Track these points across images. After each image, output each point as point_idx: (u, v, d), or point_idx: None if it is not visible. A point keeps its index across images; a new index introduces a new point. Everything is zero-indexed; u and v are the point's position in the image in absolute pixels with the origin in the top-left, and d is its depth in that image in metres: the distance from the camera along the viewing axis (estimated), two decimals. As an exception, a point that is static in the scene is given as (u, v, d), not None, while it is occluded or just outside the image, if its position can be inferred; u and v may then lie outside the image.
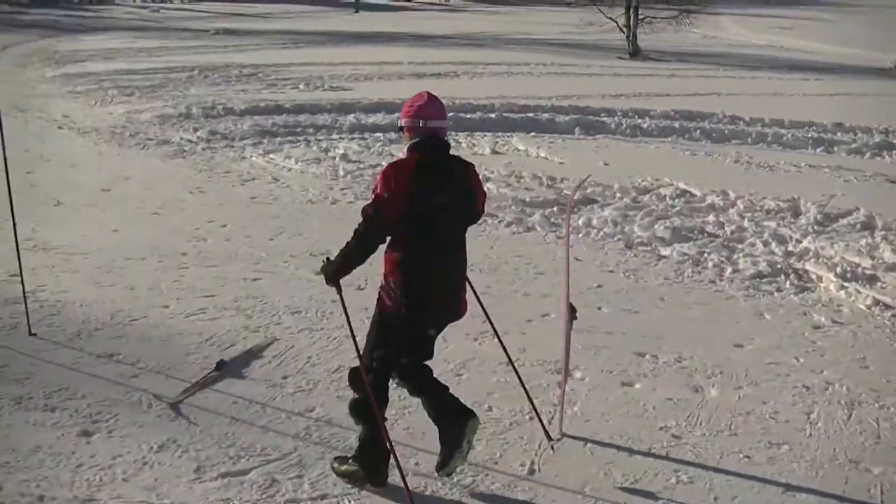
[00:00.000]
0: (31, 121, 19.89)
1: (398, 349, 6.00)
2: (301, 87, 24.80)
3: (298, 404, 7.18)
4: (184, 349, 8.15)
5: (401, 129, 6.05)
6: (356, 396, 6.08)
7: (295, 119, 19.47)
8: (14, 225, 8.86)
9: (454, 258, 6.08)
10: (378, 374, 6.02)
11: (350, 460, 6.17)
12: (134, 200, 13.23)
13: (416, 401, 6.35)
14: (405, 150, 5.98)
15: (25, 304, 8.54)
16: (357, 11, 65.32)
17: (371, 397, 5.88)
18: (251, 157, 16.29)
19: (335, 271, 6.02)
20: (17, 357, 7.86)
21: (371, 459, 6.07)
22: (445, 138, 6.00)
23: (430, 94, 6.01)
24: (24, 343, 8.17)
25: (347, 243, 5.93)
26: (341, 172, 14.89)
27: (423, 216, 5.76)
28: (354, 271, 6.07)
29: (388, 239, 5.90)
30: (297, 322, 8.79)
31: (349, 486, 6.04)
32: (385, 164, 14.11)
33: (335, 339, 8.38)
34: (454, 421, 5.88)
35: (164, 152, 16.69)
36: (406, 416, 6.96)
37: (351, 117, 19.64)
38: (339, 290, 6.07)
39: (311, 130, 18.42)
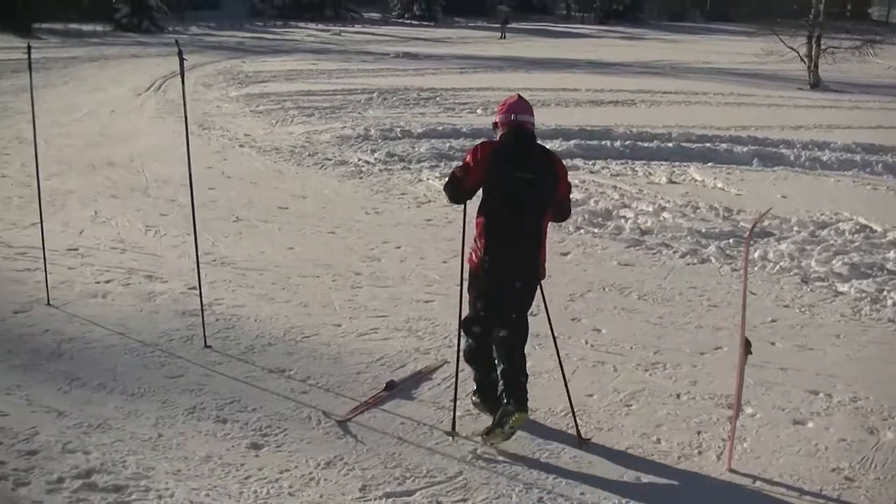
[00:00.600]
0: (213, 139, 20.43)
1: (485, 300, 7.07)
2: (478, 111, 24.90)
3: (466, 428, 7.15)
4: (354, 368, 8.22)
5: (495, 125, 7.14)
6: (469, 343, 7.23)
7: (471, 143, 19.40)
8: (196, 239, 9.08)
9: (530, 228, 7.03)
10: (484, 321, 7.09)
11: (474, 395, 7.44)
12: (310, 219, 13.44)
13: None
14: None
15: (202, 317, 8.75)
16: (503, 37, 65.09)
17: (476, 345, 7.18)
18: (427, 179, 16.39)
19: None
20: (192, 368, 8.04)
21: (486, 397, 7.23)
22: (532, 130, 7.02)
23: (520, 96, 7.18)
24: (199, 355, 8.35)
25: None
26: (516, 197, 14.85)
27: (501, 187, 6.81)
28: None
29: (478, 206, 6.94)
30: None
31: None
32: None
33: (504, 364, 8.33)
34: (514, 403, 6.64)
35: (341, 172, 16.94)
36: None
37: (527, 143, 19.54)
38: None
39: (486, 155, 18.44)
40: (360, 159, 18.04)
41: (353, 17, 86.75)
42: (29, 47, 10.78)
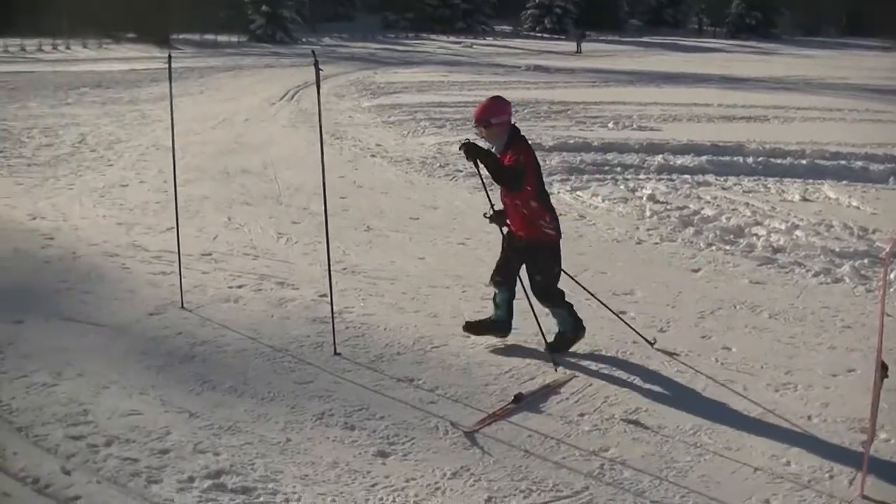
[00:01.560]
0: (345, 149, 20.65)
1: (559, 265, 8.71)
2: (610, 125, 24.75)
3: (593, 443, 7.05)
4: (482, 379, 8.17)
5: (487, 125, 8.44)
6: (557, 293, 8.75)
7: (603, 157, 19.41)
8: (328, 247, 9.15)
9: None
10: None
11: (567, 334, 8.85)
12: (441, 230, 13.46)
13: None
14: (496, 141, 8.54)
15: (333, 325, 8.78)
16: (578, 52, 64.28)
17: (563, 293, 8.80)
18: (558, 192, 16.29)
19: (477, 154, 8.20)
20: (322, 374, 8.09)
21: (575, 324, 8.80)
22: None
23: (500, 97, 8.67)
24: (328, 361, 8.40)
25: (501, 167, 8.33)
26: (648, 213, 14.70)
27: (540, 174, 8.66)
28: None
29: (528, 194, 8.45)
30: (597, 360, 8.68)
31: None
32: (690, 206, 13.88)
33: (634, 380, 8.22)
34: (579, 328, 8.86)
35: (472, 184, 16.93)
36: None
37: (659, 158, 19.35)
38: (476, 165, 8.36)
39: (618, 169, 18.32)
40: (491, 171, 17.98)
41: (485, 30, 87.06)
42: (169, 57, 11.00)
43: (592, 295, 9.39)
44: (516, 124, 8.69)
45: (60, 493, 6.02)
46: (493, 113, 8.42)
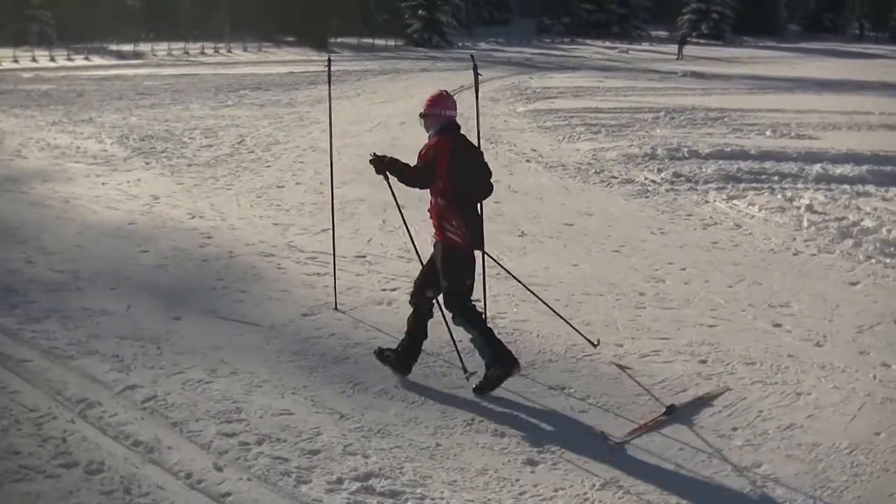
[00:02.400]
0: (500, 153, 20.63)
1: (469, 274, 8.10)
2: (767, 133, 24.24)
3: (745, 458, 6.89)
4: (634, 389, 8.06)
5: (422, 114, 8.16)
6: (464, 313, 7.97)
7: (760, 165, 18.99)
8: (483, 252, 9.13)
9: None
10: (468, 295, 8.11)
11: (490, 369, 7.83)
12: (595, 236, 13.36)
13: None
14: (428, 130, 8.13)
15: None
16: (680, 58, 62.45)
17: (474, 309, 8.10)
18: (714, 201, 16.03)
19: (385, 167, 8.32)
20: (471, 381, 8.04)
21: (494, 351, 7.83)
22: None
23: (447, 92, 8.30)
24: (480, 367, 8.34)
25: (403, 170, 8.17)
26: (805, 223, 14.33)
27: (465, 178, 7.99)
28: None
29: (438, 189, 7.99)
30: (751, 373, 8.48)
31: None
32: (850, 216, 13.53)
33: (789, 394, 8.01)
34: (506, 364, 7.78)
35: (627, 191, 16.79)
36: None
37: (818, 167, 18.85)
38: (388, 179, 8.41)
39: (775, 178, 17.90)
40: (646, 178, 17.85)
41: (640, 35, 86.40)
42: (329, 60, 11.12)
43: (539, 299, 9.10)
44: (457, 122, 8.18)
45: (212, 489, 6.13)
46: (429, 104, 8.11)
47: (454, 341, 8.20)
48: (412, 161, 8.15)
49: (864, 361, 8.86)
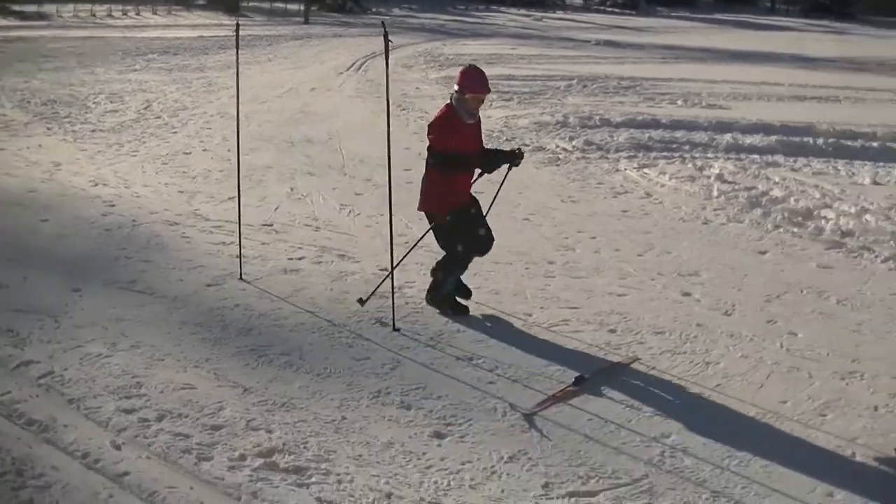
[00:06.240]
0: (412, 120, 20.50)
1: None
2: (679, 102, 24.37)
3: (655, 429, 6.88)
4: (543, 360, 8.01)
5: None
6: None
7: (671, 135, 19.07)
8: (391, 220, 9.01)
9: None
10: None
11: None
12: (505, 205, 13.20)
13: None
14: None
15: (392, 300, 8.68)
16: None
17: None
18: (625, 170, 16.07)
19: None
20: (379, 351, 7.98)
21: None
22: None
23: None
24: (387, 338, 8.29)
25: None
26: (715, 192, 14.39)
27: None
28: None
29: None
30: (661, 343, 8.49)
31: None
32: (759, 186, 13.61)
33: (697, 364, 8.03)
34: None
35: (538, 159, 16.74)
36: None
37: (728, 136, 18.97)
38: None
39: (686, 147, 17.99)
40: (557, 146, 17.83)
41: (555, 3, 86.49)
42: (237, 25, 10.89)
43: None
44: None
45: (109, 469, 5.94)
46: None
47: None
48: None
49: (772, 330, 8.92)
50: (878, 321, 9.36)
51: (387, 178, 9.04)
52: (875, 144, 19.05)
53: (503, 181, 9.29)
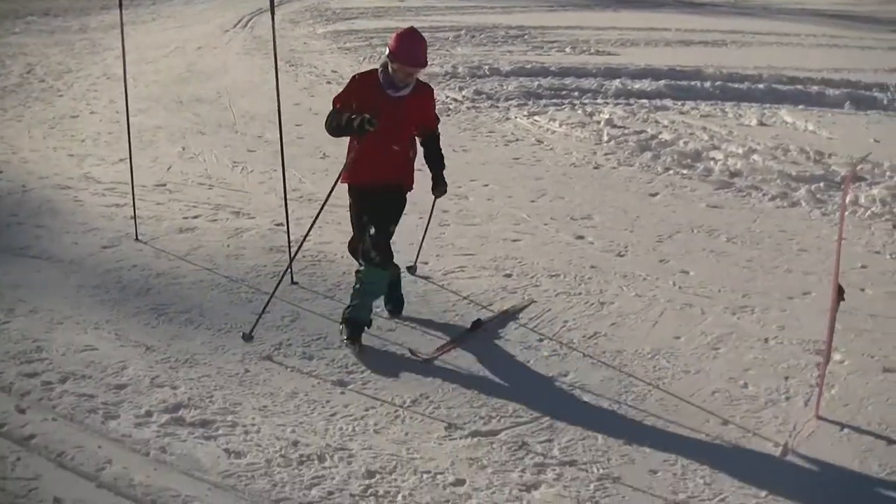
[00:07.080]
0: (301, 76, 20.40)
1: None
2: (567, 50, 24.55)
3: (552, 368, 7.07)
4: (440, 306, 8.16)
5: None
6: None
7: (560, 82, 19.24)
8: (283, 175, 9.05)
9: None
10: None
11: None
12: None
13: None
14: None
15: (290, 253, 8.70)
16: None
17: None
18: (515, 118, 16.23)
19: None
20: (279, 304, 8.00)
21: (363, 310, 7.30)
22: None
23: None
24: (286, 291, 8.32)
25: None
26: (605, 137, 14.62)
27: None
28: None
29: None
30: (556, 285, 8.67)
31: (598, 453, 5.91)
32: (648, 130, 13.82)
33: (592, 304, 8.24)
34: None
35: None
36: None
37: (617, 82, 19.23)
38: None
39: (576, 94, 18.19)
40: (447, 97, 17.88)
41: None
42: (119, -17, 10.77)
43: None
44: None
45: (15, 433, 5.92)
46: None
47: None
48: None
49: (664, 269, 9.15)
50: (767, 257, 9.64)
51: (278, 135, 9.08)
52: (761, 86, 19.43)
53: (431, 213, 9.11)
